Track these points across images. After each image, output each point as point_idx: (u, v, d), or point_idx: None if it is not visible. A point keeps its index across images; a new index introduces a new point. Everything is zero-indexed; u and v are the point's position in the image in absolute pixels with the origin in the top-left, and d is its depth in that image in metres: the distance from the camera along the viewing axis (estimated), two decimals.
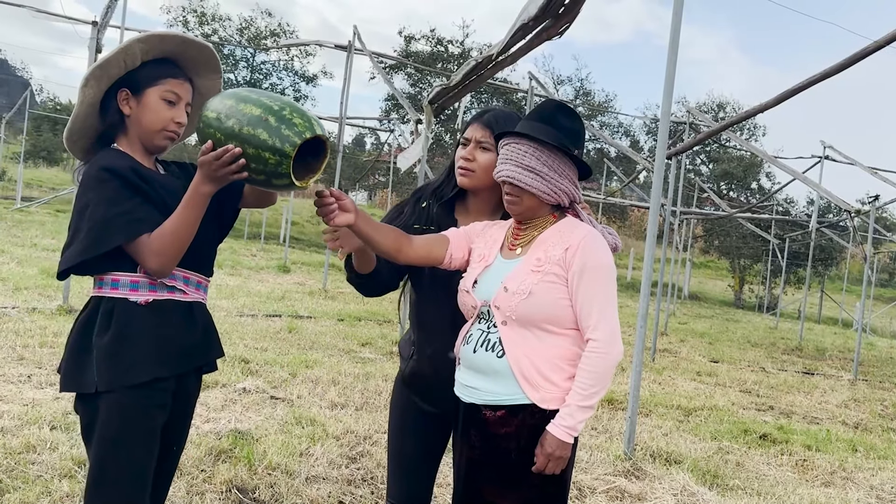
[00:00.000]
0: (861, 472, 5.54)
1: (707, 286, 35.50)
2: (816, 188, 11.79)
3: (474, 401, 2.15)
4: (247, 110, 1.94)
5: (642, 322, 5.17)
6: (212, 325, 2.26)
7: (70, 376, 2.04)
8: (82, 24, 9.56)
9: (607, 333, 2.05)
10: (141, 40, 2.08)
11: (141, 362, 2.02)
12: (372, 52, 14.43)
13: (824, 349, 15.03)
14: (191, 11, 33.96)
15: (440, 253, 2.25)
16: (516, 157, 2.09)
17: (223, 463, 3.97)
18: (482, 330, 2.16)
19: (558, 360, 2.09)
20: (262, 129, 1.91)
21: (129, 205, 1.99)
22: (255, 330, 8.18)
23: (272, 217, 30.20)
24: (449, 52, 32.12)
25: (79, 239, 1.98)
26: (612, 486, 4.43)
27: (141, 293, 2.05)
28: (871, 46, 5.69)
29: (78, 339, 2.05)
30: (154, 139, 2.15)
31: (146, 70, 2.13)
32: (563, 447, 2.03)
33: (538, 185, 2.09)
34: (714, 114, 34.04)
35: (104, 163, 2.02)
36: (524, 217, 2.18)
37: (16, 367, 5.36)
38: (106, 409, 1.99)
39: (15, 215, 19.79)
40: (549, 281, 2.07)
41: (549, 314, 2.07)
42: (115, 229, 1.96)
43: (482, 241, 2.28)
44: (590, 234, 2.11)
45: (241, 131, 1.92)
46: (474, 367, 2.16)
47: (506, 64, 6.17)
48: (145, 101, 2.12)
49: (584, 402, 2.03)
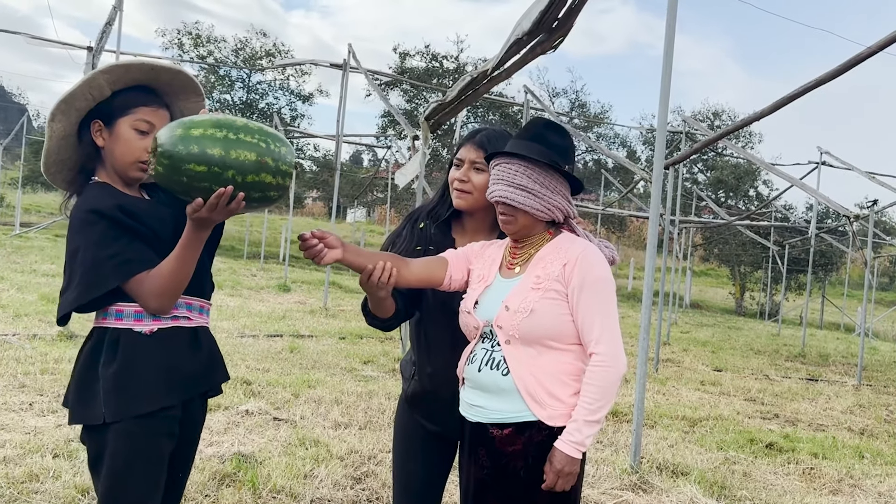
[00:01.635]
0: (869, 478, 5.51)
1: (708, 294, 35.47)
2: (814, 194, 11.79)
3: (481, 420, 2.14)
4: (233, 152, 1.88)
5: (645, 334, 5.16)
6: (216, 348, 2.25)
7: (77, 408, 2.02)
8: (77, 50, 9.59)
9: (610, 347, 2.05)
10: (104, 71, 2.04)
11: (148, 391, 2.01)
12: (367, 69, 14.50)
13: (827, 355, 14.99)
14: (185, 34, 34.10)
15: (439, 275, 2.25)
16: (508, 176, 2.10)
17: (227, 487, 3.94)
18: (486, 349, 2.16)
19: (563, 376, 2.08)
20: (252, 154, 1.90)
21: (118, 246, 1.96)
22: (256, 351, 8.16)
23: (271, 236, 30.20)
24: (444, 67, 32.24)
25: (73, 284, 1.96)
26: (620, 500, 4.40)
27: (145, 323, 2.04)
28: (864, 52, 5.70)
29: (84, 371, 2.03)
30: (128, 171, 2.11)
31: (118, 100, 2.08)
32: (572, 463, 2.02)
33: (531, 203, 2.09)
34: (710, 122, 34.12)
35: (90, 205, 1.99)
36: (520, 235, 2.18)
37: (17, 394, 5.34)
38: (114, 439, 1.98)
39: (14, 241, 19.80)
40: (550, 298, 2.07)
41: (552, 331, 2.07)
42: (107, 273, 1.94)
43: (480, 262, 2.28)
44: (587, 249, 2.11)
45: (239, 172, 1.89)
46: (479, 385, 2.15)
47: (501, 79, 6.19)
48: (117, 131, 2.08)
49: (591, 417, 2.03)
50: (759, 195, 33.85)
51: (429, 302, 2.43)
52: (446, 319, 2.34)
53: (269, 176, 1.91)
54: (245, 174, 1.87)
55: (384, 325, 2.39)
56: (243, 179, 1.88)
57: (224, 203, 1.88)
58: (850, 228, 12.56)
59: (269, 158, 1.90)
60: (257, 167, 1.89)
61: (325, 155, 35.56)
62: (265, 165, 1.90)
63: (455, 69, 31.57)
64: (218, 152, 1.84)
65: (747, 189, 33.78)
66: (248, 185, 1.89)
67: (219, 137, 1.85)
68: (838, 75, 6.08)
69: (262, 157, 1.89)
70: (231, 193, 1.87)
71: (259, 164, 1.89)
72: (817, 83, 6.20)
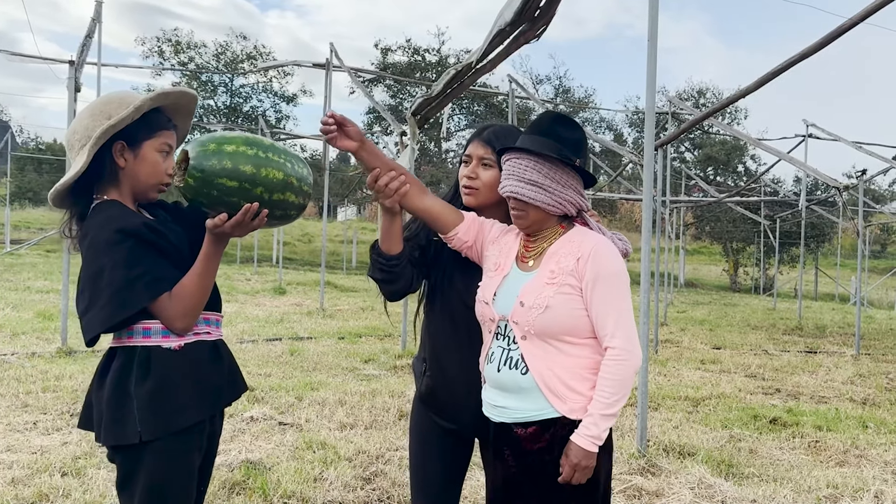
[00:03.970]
0: (874, 448, 5.55)
1: (702, 272, 35.61)
2: (802, 167, 11.84)
3: (505, 420, 2.15)
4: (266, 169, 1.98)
5: (645, 318, 5.17)
6: (234, 360, 2.28)
7: (110, 428, 2.00)
8: (59, 64, 9.52)
9: (625, 340, 2.05)
10: (152, 99, 2.09)
11: (184, 407, 2.03)
12: (349, 67, 14.46)
13: (824, 326, 15.08)
14: (165, 41, 33.94)
15: (449, 223, 2.26)
16: (518, 171, 2.10)
17: (238, 496, 3.95)
18: (503, 347, 2.16)
19: (581, 370, 2.09)
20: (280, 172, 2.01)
21: (146, 264, 1.98)
22: (256, 356, 8.15)
23: (263, 239, 30.13)
24: (426, 60, 32.19)
25: (100, 305, 1.95)
26: (629, 484, 4.42)
27: (172, 339, 2.05)
28: (845, 24, 5.71)
29: (114, 391, 2.00)
30: (148, 192, 2.14)
31: (144, 122, 2.10)
32: (589, 457, 2.03)
33: (542, 198, 2.10)
34: (695, 101, 34.20)
35: (116, 224, 1.99)
36: (532, 230, 2.18)
37: (20, 414, 5.32)
38: (151, 457, 1.99)
39: (6, 259, 19.70)
40: (565, 293, 2.07)
41: (568, 326, 2.07)
42: (138, 291, 1.95)
43: (497, 249, 2.27)
44: (600, 243, 2.11)
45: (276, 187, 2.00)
46: (500, 385, 2.15)
47: (485, 70, 6.18)
48: (143, 154, 2.10)
49: (607, 411, 2.04)
50: (748, 171, 33.98)
51: (442, 296, 2.42)
52: (458, 314, 2.34)
53: (292, 195, 2.02)
54: (272, 192, 1.98)
55: (389, 274, 2.30)
56: (270, 197, 1.98)
57: (249, 219, 1.96)
58: (840, 199, 12.62)
59: (294, 178, 2.02)
60: (284, 186, 1.99)
61: (312, 155, 35.51)
62: (290, 185, 2.01)
63: (437, 62, 31.53)
64: (249, 169, 1.94)
65: (737, 164, 33.90)
66: (274, 202, 1.99)
67: (250, 155, 1.95)
68: (821, 48, 6.09)
69: (289, 176, 2.00)
70: (256, 210, 1.95)
71: (285, 184, 1.99)
72: (800, 57, 6.21)
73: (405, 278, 2.34)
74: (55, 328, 8.84)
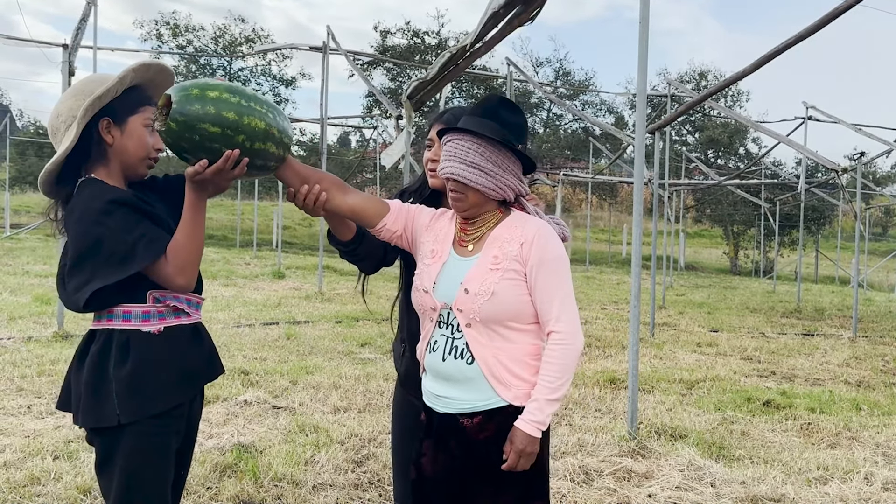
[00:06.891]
0: (866, 430, 5.56)
1: (702, 255, 35.60)
2: (802, 150, 11.79)
3: (450, 410, 2.12)
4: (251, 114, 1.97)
5: (636, 301, 5.17)
6: (213, 342, 2.29)
7: (88, 411, 2.01)
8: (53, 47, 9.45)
9: (569, 324, 2.05)
10: (135, 70, 2.11)
11: (162, 390, 2.04)
12: (347, 50, 14.37)
13: (823, 309, 15.08)
14: (163, 24, 33.78)
15: (374, 216, 2.21)
16: (460, 153, 2.06)
17: (229, 478, 3.97)
18: (447, 336, 2.13)
19: (525, 357, 2.08)
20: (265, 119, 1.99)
21: (143, 228, 2.00)
22: (253, 340, 8.17)
23: (263, 223, 30.12)
24: (426, 43, 32.04)
25: (99, 267, 1.95)
26: (619, 466, 4.44)
27: (153, 323, 2.06)
28: (843, 5, 5.68)
29: (93, 374, 2.02)
30: (138, 167, 2.16)
31: (129, 97, 2.12)
32: (533, 442, 2.02)
33: (483, 182, 2.06)
34: (696, 83, 34.04)
35: (107, 196, 2.00)
36: (469, 214, 2.14)
37: (15, 398, 5.34)
38: (129, 439, 2.00)
39: (5, 244, 19.72)
40: (510, 278, 2.05)
41: (514, 312, 2.06)
42: (138, 252, 1.97)
43: (431, 235, 2.24)
44: (543, 228, 2.10)
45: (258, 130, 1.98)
46: (444, 375, 2.13)
47: (481, 53, 6.16)
48: (129, 128, 2.11)
49: (552, 396, 2.03)
50: (749, 154, 33.88)
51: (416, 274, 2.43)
52: None
53: (273, 146, 2.02)
54: (254, 141, 1.97)
55: (354, 254, 2.38)
56: (251, 146, 1.97)
57: (230, 167, 1.96)
58: (840, 181, 12.59)
59: (275, 129, 2.01)
60: (265, 136, 1.99)
61: (311, 139, 35.42)
62: (272, 135, 2.00)
63: (437, 45, 31.38)
64: (232, 116, 1.93)
65: (738, 147, 33.81)
66: (255, 151, 1.98)
67: (233, 102, 1.94)
68: (820, 28, 6.06)
69: (270, 126, 2.00)
70: (238, 157, 1.95)
71: (267, 133, 1.99)
72: (798, 38, 6.18)
73: (374, 255, 2.41)
74: (52, 312, 8.86)
